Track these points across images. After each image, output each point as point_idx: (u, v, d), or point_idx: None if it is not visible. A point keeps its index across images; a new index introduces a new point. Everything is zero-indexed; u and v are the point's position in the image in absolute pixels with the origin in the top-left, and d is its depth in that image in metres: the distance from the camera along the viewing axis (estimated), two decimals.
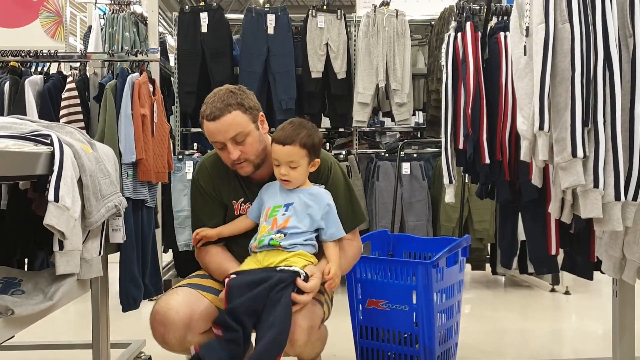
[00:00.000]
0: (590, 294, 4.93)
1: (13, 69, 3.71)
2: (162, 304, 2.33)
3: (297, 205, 2.38)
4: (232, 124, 2.34)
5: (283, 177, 2.37)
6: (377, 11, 5.06)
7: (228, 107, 2.34)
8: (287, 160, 2.35)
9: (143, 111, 3.34)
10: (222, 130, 2.34)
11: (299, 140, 2.35)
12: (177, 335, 2.30)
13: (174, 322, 2.29)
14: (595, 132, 1.98)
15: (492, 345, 3.61)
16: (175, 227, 4.83)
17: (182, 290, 2.41)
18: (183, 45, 5.11)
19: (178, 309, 2.31)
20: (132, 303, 3.24)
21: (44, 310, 2.11)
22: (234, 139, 2.35)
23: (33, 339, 3.37)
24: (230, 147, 2.36)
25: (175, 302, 2.33)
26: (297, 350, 2.30)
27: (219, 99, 2.36)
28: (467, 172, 3.22)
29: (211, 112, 2.34)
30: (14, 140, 2.03)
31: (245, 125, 2.37)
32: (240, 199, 2.53)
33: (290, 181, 2.38)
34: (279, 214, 2.38)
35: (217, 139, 2.36)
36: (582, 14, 1.97)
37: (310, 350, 2.36)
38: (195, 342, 2.34)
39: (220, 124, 2.33)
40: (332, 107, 5.33)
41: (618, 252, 2.18)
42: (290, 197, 2.40)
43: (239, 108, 2.36)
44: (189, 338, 2.32)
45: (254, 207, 2.49)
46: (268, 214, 2.40)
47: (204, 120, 2.37)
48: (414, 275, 2.83)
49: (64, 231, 1.99)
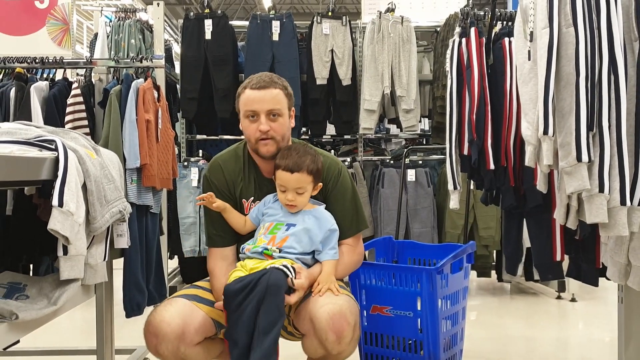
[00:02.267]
0: (597, 301, 4.91)
1: (19, 75, 3.73)
2: (156, 316, 2.34)
3: (299, 227, 2.43)
4: (274, 97, 2.44)
5: (290, 203, 2.42)
6: (383, 17, 5.06)
7: (274, 83, 2.47)
8: (295, 187, 2.40)
9: (147, 117, 3.34)
10: (263, 100, 2.43)
11: (306, 167, 2.41)
12: (169, 347, 2.30)
13: (166, 334, 2.29)
14: (600, 136, 1.97)
15: (498, 353, 3.59)
16: (180, 233, 4.84)
17: (177, 301, 2.40)
18: (187, 52, 5.12)
19: (170, 321, 2.30)
20: (136, 309, 3.24)
21: (48, 315, 2.11)
22: (270, 112, 2.44)
23: (38, 344, 3.37)
24: (263, 118, 2.43)
25: (167, 314, 2.32)
26: (342, 348, 2.29)
27: (267, 76, 2.50)
28: (471, 178, 3.22)
29: (257, 82, 2.45)
30: (18, 145, 2.04)
31: (284, 105, 2.48)
32: (250, 197, 2.56)
33: (296, 206, 2.44)
34: (279, 232, 2.42)
35: (254, 107, 2.44)
36: (586, 18, 1.96)
37: (351, 349, 2.36)
38: (188, 353, 2.34)
39: (263, 93, 2.43)
40: (337, 114, 5.33)
41: (623, 258, 2.16)
42: (294, 218, 2.44)
43: (283, 90, 2.49)
44: (182, 350, 2.32)
45: (255, 210, 2.52)
46: (269, 229, 2.44)
47: (246, 90, 2.46)
48: (418, 282, 2.82)
49: (68, 236, 1.99)
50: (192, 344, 2.34)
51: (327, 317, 2.26)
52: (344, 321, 2.26)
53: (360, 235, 2.63)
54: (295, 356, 2.67)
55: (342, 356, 2.38)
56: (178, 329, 2.30)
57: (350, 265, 2.59)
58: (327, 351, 2.30)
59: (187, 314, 2.35)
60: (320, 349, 2.31)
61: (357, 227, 2.57)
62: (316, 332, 2.28)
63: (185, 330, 2.31)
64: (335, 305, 2.29)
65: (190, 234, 4.79)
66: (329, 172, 2.54)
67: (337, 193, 2.54)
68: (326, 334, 2.25)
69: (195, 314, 2.38)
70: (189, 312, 2.37)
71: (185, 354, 2.33)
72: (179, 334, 2.30)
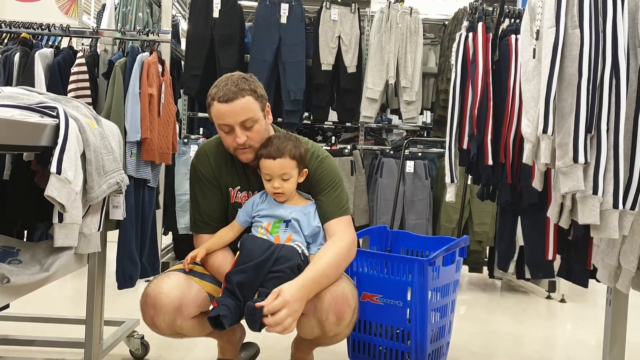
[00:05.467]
0: (586, 304, 4.94)
1: (24, 41, 3.71)
2: (153, 287, 2.35)
3: (294, 222, 2.43)
4: (244, 108, 2.36)
5: (277, 190, 2.41)
6: (392, 7, 5.05)
7: (242, 91, 2.36)
8: (280, 173, 2.40)
9: (151, 91, 3.34)
10: (233, 113, 2.35)
11: (288, 152, 2.39)
12: (166, 319, 2.32)
13: (164, 305, 2.31)
14: (598, 139, 1.98)
15: (484, 348, 3.62)
16: (176, 210, 4.85)
17: (174, 274, 2.43)
18: (193, 29, 5.09)
19: (169, 292, 2.32)
20: (129, 281, 3.25)
21: (40, 281, 2.12)
22: (243, 123, 2.37)
23: (28, 310, 3.40)
24: (239, 132, 2.37)
25: (166, 286, 2.34)
26: (340, 329, 2.33)
27: (233, 82, 2.38)
28: (469, 172, 3.24)
29: (224, 95, 2.35)
30: (20, 110, 2.04)
31: (256, 111, 2.40)
32: (237, 186, 2.55)
33: (284, 193, 2.43)
34: (280, 231, 2.43)
35: (227, 122, 2.37)
36: (592, 21, 1.97)
37: (347, 332, 2.41)
38: (184, 326, 2.37)
39: (232, 106, 2.34)
40: (340, 101, 5.32)
41: (614, 261, 2.18)
42: (287, 214, 2.44)
43: (252, 94, 2.38)
44: (179, 322, 2.34)
45: (242, 213, 2.51)
46: (269, 230, 2.44)
47: (214, 102, 2.37)
48: (410, 272, 2.83)
49: (64, 204, 2.00)
50: (189, 317, 2.37)
51: (330, 297, 2.29)
52: (346, 303, 2.30)
53: (350, 220, 2.53)
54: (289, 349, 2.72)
55: (337, 339, 2.42)
56: (176, 301, 2.32)
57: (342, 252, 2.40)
58: (324, 332, 2.32)
59: (185, 287, 2.38)
60: (317, 329, 2.33)
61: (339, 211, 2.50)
62: (317, 311, 2.29)
63: (182, 302, 2.33)
64: (339, 287, 2.32)
65: (185, 210, 4.80)
66: (312, 157, 2.53)
67: (320, 176, 2.52)
68: (327, 314, 2.28)
69: (192, 288, 2.40)
70: (187, 285, 2.39)
71: (180, 326, 2.36)
72: (177, 307, 2.32)
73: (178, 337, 2.46)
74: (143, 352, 3.07)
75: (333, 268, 2.33)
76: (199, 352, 3.23)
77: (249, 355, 2.93)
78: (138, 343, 3.06)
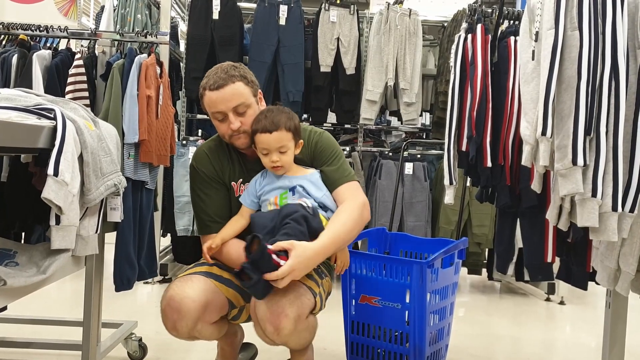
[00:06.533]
0: (586, 306, 4.93)
1: (22, 42, 3.71)
2: (178, 291, 2.31)
3: (300, 188, 2.42)
4: (235, 94, 2.39)
5: (275, 164, 2.40)
6: (390, 9, 5.05)
7: (232, 77, 2.39)
8: (277, 147, 2.39)
9: (149, 92, 3.34)
10: (225, 99, 2.38)
11: (284, 124, 2.39)
12: (189, 324, 2.29)
13: (189, 310, 2.28)
14: (597, 141, 1.97)
15: (483, 350, 3.61)
16: (175, 211, 4.84)
17: (197, 278, 2.39)
18: (193, 31, 5.09)
19: (195, 297, 2.29)
20: (126, 283, 3.24)
21: (36, 284, 2.11)
22: (235, 109, 2.40)
23: (26, 313, 3.39)
24: (232, 117, 2.40)
25: (191, 291, 2.31)
26: (283, 339, 2.25)
27: (222, 70, 2.42)
28: (468, 174, 3.23)
29: (215, 82, 2.38)
30: (17, 112, 2.03)
31: (248, 96, 2.43)
32: (239, 179, 2.55)
33: (283, 166, 2.42)
34: (289, 200, 2.41)
35: (219, 109, 2.40)
36: (592, 23, 1.96)
37: (297, 340, 2.31)
38: (203, 331, 2.35)
39: (223, 92, 2.37)
40: (339, 103, 5.32)
41: (613, 263, 2.17)
42: (292, 183, 2.44)
43: (242, 80, 2.42)
44: (199, 327, 2.32)
45: (246, 195, 2.50)
46: (277, 202, 2.42)
47: (206, 91, 2.40)
48: (408, 274, 2.83)
49: (61, 206, 1.99)
50: (210, 322, 2.36)
51: (264, 308, 2.22)
52: (282, 314, 2.20)
53: (358, 185, 2.53)
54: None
55: (291, 345, 2.36)
56: (201, 306, 2.30)
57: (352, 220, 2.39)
58: (272, 341, 2.28)
59: (209, 292, 2.35)
60: (265, 338, 2.29)
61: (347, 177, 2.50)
62: (258, 322, 2.26)
63: (207, 308, 2.32)
64: (275, 296, 2.23)
65: (184, 212, 4.79)
66: (310, 132, 2.55)
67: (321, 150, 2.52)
68: (264, 324, 2.23)
69: (216, 292, 2.38)
70: (211, 290, 2.37)
71: (200, 331, 2.34)
72: (201, 312, 2.30)
73: (191, 340, 2.42)
74: (141, 355, 3.07)
75: (352, 226, 2.37)
76: (197, 353, 3.23)
77: (247, 356, 2.92)
78: (136, 345, 3.05)
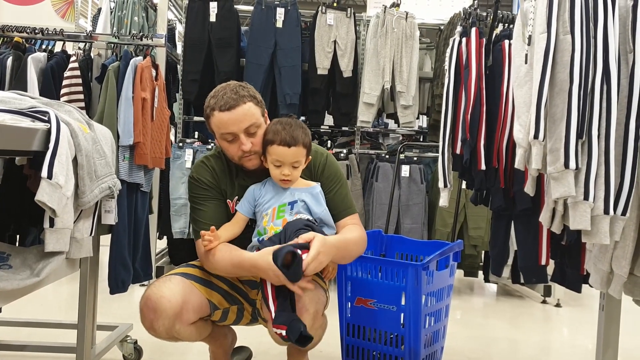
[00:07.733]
0: (581, 308, 4.93)
1: (17, 45, 3.71)
2: (155, 291, 2.33)
3: (300, 203, 2.41)
4: (247, 114, 2.36)
5: (286, 178, 2.39)
6: (387, 12, 5.05)
7: (243, 98, 2.36)
8: (292, 161, 2.38)
9: (144, 95, 3.34)
10: (237, 121, 2.34)
11: (301, 140, 2.38)
12: (166, 324, 2.30)
13: (165, 310, 2.29)
14: (589, 144, 1.98)
15: (479, 352, 3.61)
16: (171, 214, 4.84)
17: (176, 278, 2.41)
18: (190, 33, 5.10)
19: (170, 297, 2.31)
20: (121, 286, 3.25)
21: (30, 286, 2.12)
22: (247, 130, 2.37)
23: (21, 315, 3.39)
24: (243, 138, 2.36)
25: (168, 291, 2.32)
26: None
27: (231, 90, 2.37)
28: (462, 177, 3.24)
29: (225, 103, 2.34)
30: (11, 115, 2.04)
31: (258, 116, 2.40)
32: (235, 197, 2.52)
33: (291, 180, 2.42)
34: (286, 214, 2.39)
35: (230, 130, 2.36)
36: (584, 27, 1.97)
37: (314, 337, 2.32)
38: (182, 331, 2.35)
39: (235, 114, 2.34)
40: (336, 105, 5.33)
41: (606, 266, 2.18)
42: (293, 196, 2.42)
43: (252, 100, 2.39)
44: (177, 327, 2.33)
45: (244, 202, 2.47)
46: (275, 215, 2.40)
47: (216, 112, 2.36)
48: (404, 277, 2.83)
49: (55, 208, 2.00)
50: (188, 323, 2.36)
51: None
52: (302, 308, 2.23)
53: (358, 218, 2.57)
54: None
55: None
56: (177, 306, 2.30)
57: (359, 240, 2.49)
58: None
59: (187, 292, 2.36)
60: None
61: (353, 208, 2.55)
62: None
63: (184, 308, 2.32)
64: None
65: (180, 215, 4.80)
66: (317, 154, 2.54)
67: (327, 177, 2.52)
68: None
69: (194, 293, 2.39)
70: (189, 290, 2.38)
71: (178, 332, 2.34)
72: (178, 312, 2.31)
73: (173, 341, 2.44)
74: (136, 357, 3.07)
75: (357, 244, 2.46)
76: (192, 356, 3.23)
77: (241, 359, 2.92)
78: (131, 348, 3.05)
